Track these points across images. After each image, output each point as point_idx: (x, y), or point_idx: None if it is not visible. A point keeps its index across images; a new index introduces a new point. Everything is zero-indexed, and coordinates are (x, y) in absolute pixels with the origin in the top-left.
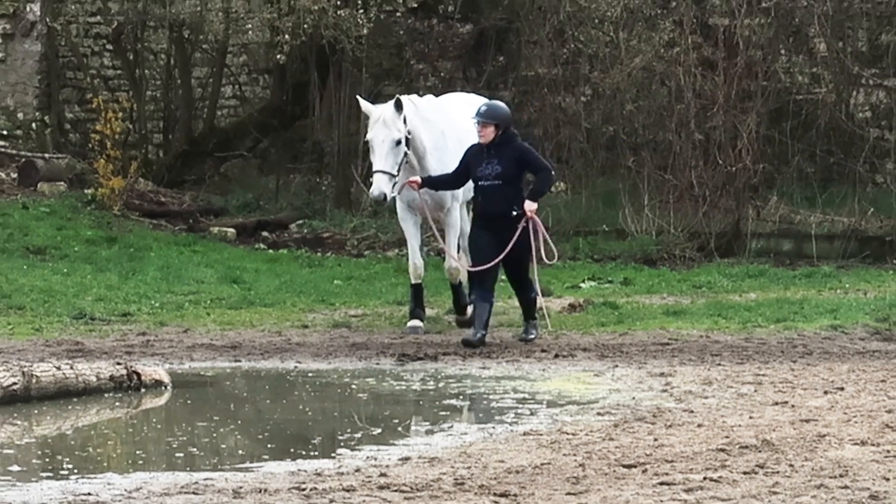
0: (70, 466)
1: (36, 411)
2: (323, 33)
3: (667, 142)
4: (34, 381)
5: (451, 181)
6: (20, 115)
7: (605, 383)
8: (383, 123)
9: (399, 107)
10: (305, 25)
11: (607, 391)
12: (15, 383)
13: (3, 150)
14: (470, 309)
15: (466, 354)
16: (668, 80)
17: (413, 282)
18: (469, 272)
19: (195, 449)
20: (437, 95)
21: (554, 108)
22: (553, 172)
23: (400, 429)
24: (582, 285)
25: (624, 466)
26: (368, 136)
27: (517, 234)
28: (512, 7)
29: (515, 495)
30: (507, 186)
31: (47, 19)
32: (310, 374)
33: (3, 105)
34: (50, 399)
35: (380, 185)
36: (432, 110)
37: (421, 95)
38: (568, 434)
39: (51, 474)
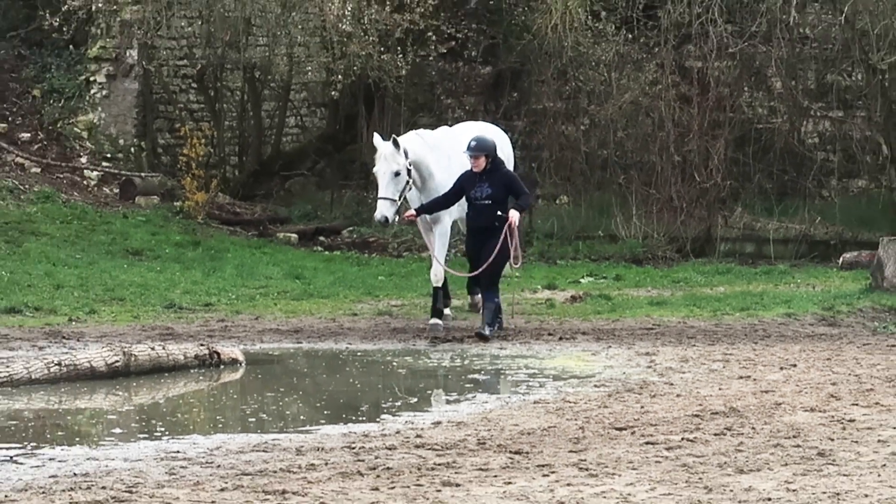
0: (162, 429)
1: (134, 384)
2: (369, 74)
3: (651, 163)
4: (133, 359)
5: (443, 202)
6: (121, 141)
7: (601, 361)
8: (384, 158)
9: (396, 145)
10: (355, 67)
11: (602, 367)
12: (117, 361)
13: (107, 169)
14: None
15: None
16: (652, 112)
17: (434, 285)
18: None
19: (264, 415)
20: (463, 124)
21: (558, 135)
22: (531, 196)
23: (432, 398)
24: (581, 280)
25: (616, 429)
26: (374, 170)
27: (502, 237)
28: (524, 52)
29: (527, 452)
30: (496, 205)
31: (143, 62)
32: (358, 353)
33: (107, 133)
34: (146, 374)
35: (382, 210)
36: (441, 139)
37: (450, 125)
38: (570, 402)
39: (146, 436)
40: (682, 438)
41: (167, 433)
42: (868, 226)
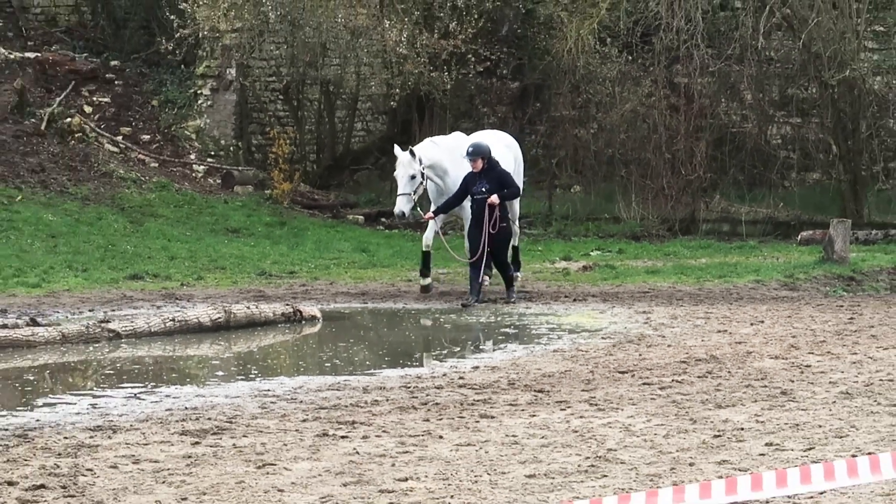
0: (256, 372)
1: (233, 336)
2: (421, 88)
3: (646, 159)
4: (232, 316)
5: (453, 202)
6: (222, 142)
7: (607, 318)
8: (402, 164)
9: (412, 154)
10: (409, 83)
11: (608, 323)
12: (219, 318)
13: (211, 164)
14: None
15: (517, 299)
16: (648, 119)
17: (423, 249)
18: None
19: (338, 360)
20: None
21: (572, 137)
22: (518, 190)
23: (472, 347)
24: (591, 254)
25: (619, 372)
26: (395, 174)
27: (488, 219)
28: (545, 70)
29: (548, 391)
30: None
31: (240, 79)
32: (412, 312)
33: (211, 135)
34: (242, 328)
35: (400, 205)
36: (455, 143)
37: (486, 129)
38: (582, 351)
39: (243, 377)
40: (672, 380)
41: (260, 375)
42: (821, 210)
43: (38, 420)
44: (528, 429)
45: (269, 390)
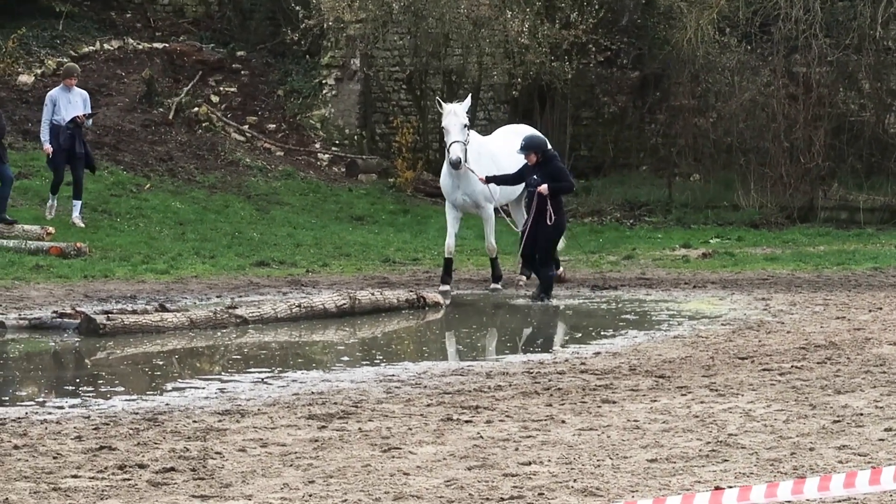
0: (380, 357)
1: (358, 322)
2: (542, 77)
3: (765, 148)
4: (357, 302)
5: (509, 180)
6: (346, 131)
7: (726, 304)
8: (454, 113)
9: (466, 104)
10: (531, 72)
11: (728, 309)
12: (345, 304)
13: (335, 153)
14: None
15: (637, 285)
16: (766, 108)
17: (446, 256)
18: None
19: (461, 346)
20: (612, 118)
21: (691, 126)
22: (568, 185)
23: (593, 333)
24: (710, 241)
25: (739, 358)
26: (445, 123)
27: (534, 205)
28: (664, 60)
29: (669, 377)
30: None
31: (364, 69)
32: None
33: (335, 124)
34: (367, 314)
35: (457, 151)
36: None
37: (605, 119)
38: (702, 337)
39: (368, 362)
40: (792, 366)
41: (384, 360)
42: None
43: (167, 404)
44: (650, 414)
45: (393, 375)
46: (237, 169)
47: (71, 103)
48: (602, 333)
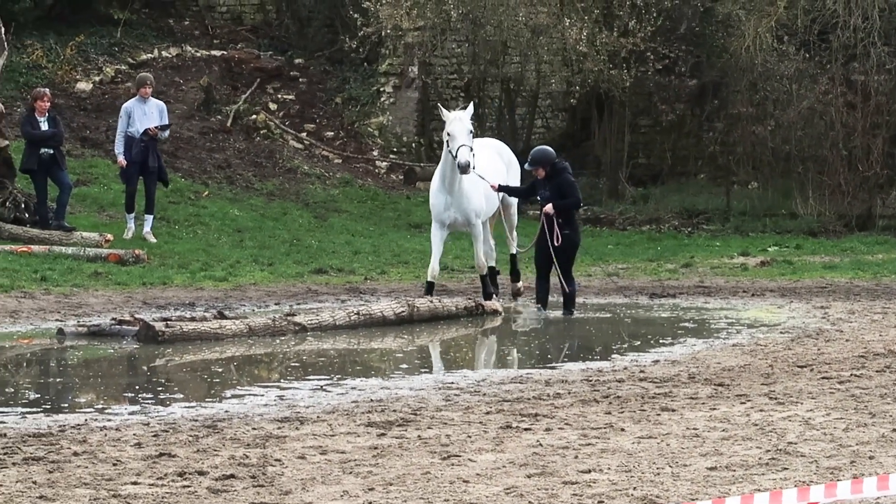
0: (439, 365)
1: (416, 329)
2: (600, 85)
3: (823, 156)
4: (415, 310)
5: (519, 192)
6: (404, 138)
7: (785, 312)
8: (459, 119)
9: (469, 111)
10: (589, 80)
11: (786, 318)
12: (403, 311)
13: (393, 160)
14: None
15: (695, 293)
16: (824, 116)
17: (428, 279)
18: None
19: (519, 354)
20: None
21: (749, 134)
22: (577, 202)
23: (652, 341)
24: (768, 249)
25: (798, 367)
26: (450, 129)
27: (541, 223)
28: (723, 68)
29: (728, 385)
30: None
31: (422, 76)
32: (591, 306)
33: (393, 132)
34: (425, 322)
35: (466, 155)
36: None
37: (663, 127)
38: (761, 345)
39: (427, 370)
40: (851, 374)
41: (443, 368)
42: None
43: (226, 411)
44: (709, 422)
45: (452, 383)
46: (295, 176)
47: (146, 115)
48: (661, 341)
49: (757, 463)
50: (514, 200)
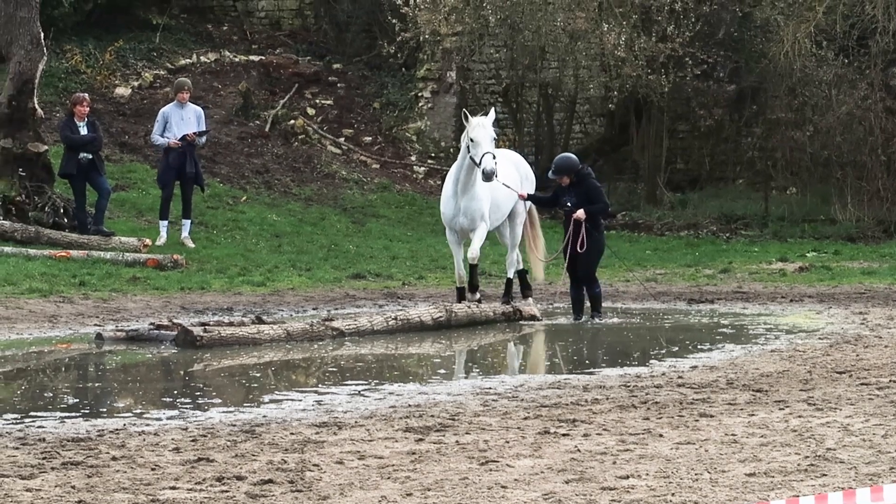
0: (477, 370)
1: (454, 335)
2: (638, 91)
3: (862, 161)
4: (453, 315)
5: (545, 200)
6: (442, 143)
7: (824, 318)
8: (483, 126)
9: (491, 116)
10: (627, 86)
11: (825, 323)
12: (441, 316)
13: (431, 166)
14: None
15: (733, 298)
16: (864, 121)
17: (458, 285)
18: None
19: (557, 359)
20: (708, 131)
21: (788, 139)
22: (603, 206)
23: (690, 347)
24: (807, 255)
25: (837, 372)
26: (473, 135)
27: (570, 230)
28: (761, 73)
29: (766, 391)
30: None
31: (460, 82)
32: (629, 311)
33: (431, 137)
34: (463, 327)
35: (490, 163)
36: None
37: (701, 132)
38: (800, 351)
39: (464, 375)
40: (890, 380)
41: (481, 373)
42: None
43: (264, 416)
44: (747, 428)
45: (490, 388)
46: (333, 181)
47: (184, 120)
48: (699, 347)
49: (796, 469)
50: (520, 219)
